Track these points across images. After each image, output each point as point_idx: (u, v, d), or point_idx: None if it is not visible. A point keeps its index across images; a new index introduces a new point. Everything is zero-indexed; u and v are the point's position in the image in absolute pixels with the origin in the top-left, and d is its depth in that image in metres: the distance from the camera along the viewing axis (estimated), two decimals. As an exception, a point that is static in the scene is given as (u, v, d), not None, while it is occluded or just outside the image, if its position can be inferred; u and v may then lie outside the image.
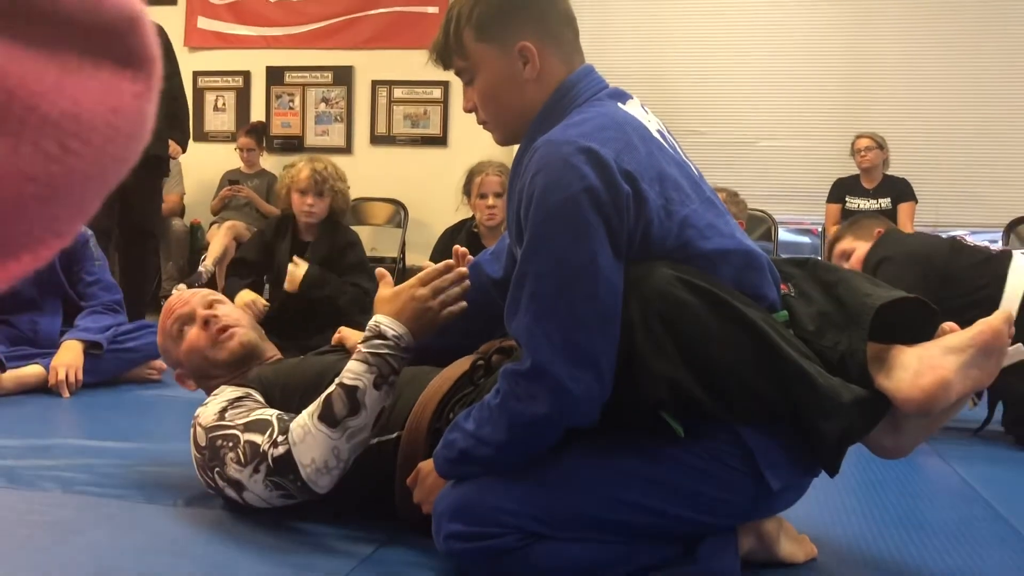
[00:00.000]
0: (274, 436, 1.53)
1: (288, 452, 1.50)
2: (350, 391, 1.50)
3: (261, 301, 3.53)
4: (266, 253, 3.76)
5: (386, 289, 1.61)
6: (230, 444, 1.58)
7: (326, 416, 1.50)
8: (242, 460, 1.56)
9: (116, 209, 3.95)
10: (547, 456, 1.38)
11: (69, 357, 2.91)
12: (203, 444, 1.64)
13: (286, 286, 3.54)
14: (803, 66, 5.65)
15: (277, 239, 3.75)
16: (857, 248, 2.90)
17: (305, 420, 1.52)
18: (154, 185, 4.25)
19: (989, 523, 1.88)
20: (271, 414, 1.59)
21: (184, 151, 4.45)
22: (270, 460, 1.51)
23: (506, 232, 1.65)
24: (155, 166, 4.16)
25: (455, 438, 1.41)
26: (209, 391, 1.86)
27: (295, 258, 3.56)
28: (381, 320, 1.55)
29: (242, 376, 1.83)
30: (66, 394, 2.85)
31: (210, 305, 1.93)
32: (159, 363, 3.17)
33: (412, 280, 1.58)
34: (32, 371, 2.90)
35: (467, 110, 1.57)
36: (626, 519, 1.38)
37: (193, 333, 1.89)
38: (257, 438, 1.55)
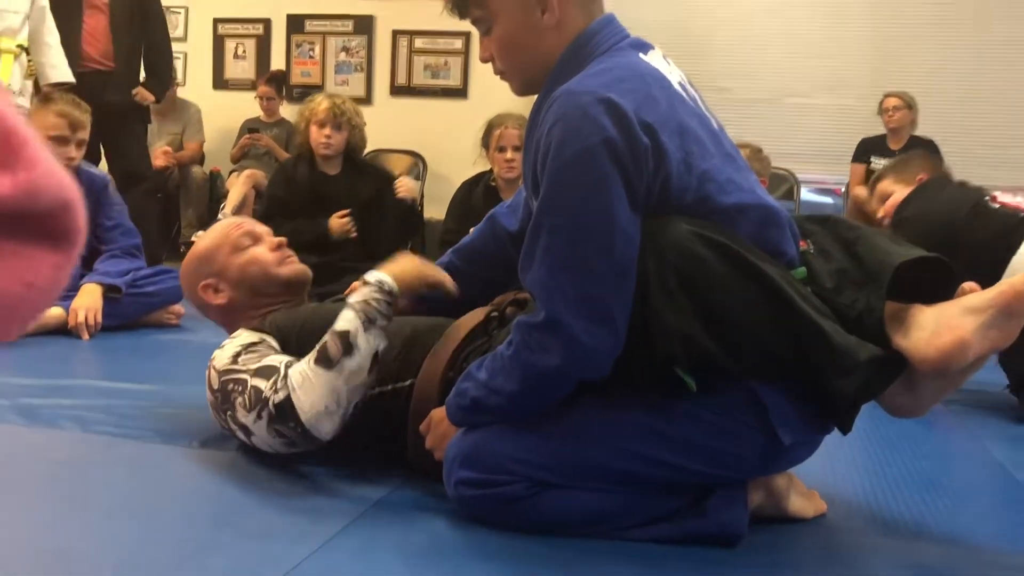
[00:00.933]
0: (276, 382, 1.54)
1: (288, 398, 1.51)
2: (342, 335, 1.52)
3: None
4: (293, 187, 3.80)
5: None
6: (239, 388, 1.60)
7: (322, 359, 1.52)
8: (248, 405, 1.58)
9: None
10: (559, 407, 1.39)
11: (88, 300, 2.94)
12: (216, 387, 1.66)
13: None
14: (832, 23, 5.52)
15: (297, 169, 3.78)
16: (895, 192, 2.76)
17: (303, 366, 1.54)
18: (136, 129, 4.36)
19: (1001, 486, 1.88)
20: (280, 360, 1.60)
21: (158, 101, 4.49)
22: (271, 406, 1.53)
23: (523, 185, 1.64)
24: (134, 113, 4.27)
25: (468, 387, 1.42)
26: (234, 319, 1.87)
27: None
28: (370, 272, 1.61)
29: (279, 307, 1.85)
30: (85, 336, 2.89)
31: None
32: (178, 308, 3.20)
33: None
34: (52, 312, 2.92)
35: (484, 60, 1.54)
36: (636, 470, 1.38)
37: (260, 249, 1.92)
38: (262, 384, 1.56)
